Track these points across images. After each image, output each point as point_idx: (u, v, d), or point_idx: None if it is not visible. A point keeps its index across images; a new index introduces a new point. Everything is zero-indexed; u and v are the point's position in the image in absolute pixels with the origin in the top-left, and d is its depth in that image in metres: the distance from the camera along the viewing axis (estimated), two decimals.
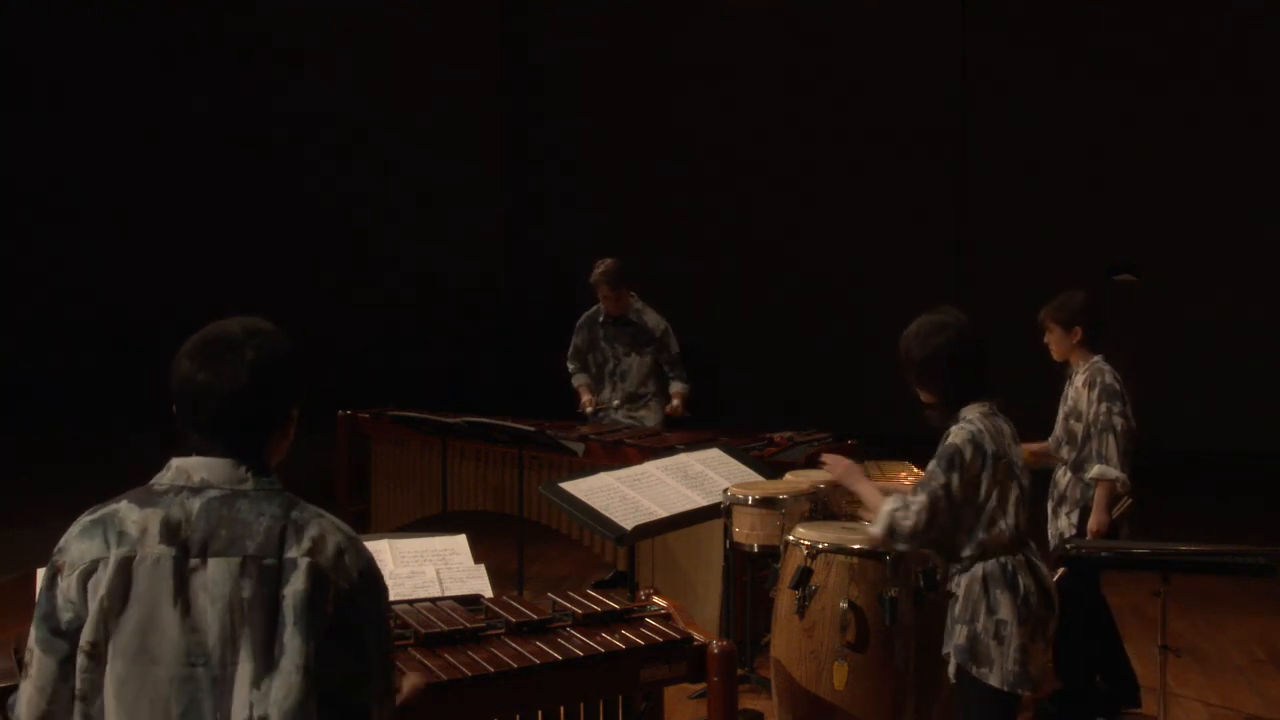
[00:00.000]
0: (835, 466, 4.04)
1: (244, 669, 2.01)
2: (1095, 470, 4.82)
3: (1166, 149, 11.62)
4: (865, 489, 3.87)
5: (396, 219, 13.59)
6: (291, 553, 2.05)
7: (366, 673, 2.08)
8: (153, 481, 2.12)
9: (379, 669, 2.10)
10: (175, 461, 2.12)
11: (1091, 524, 4.82)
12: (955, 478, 3.47)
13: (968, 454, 3.48)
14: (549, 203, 13.46)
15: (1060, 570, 4.55)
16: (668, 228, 12.68)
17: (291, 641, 2.02)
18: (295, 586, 2.03)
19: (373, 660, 2.09)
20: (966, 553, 3.54)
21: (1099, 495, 4.83)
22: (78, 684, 2.01)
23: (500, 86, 13.59)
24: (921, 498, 3.50)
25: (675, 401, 6.85)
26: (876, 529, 3.61)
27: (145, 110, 13.88)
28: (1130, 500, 4.87)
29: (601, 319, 6.92)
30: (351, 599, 2.07)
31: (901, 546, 3.65)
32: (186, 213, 13.92)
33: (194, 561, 2.03)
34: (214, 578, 2.03)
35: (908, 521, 3.51)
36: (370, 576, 2.11)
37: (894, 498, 3.59)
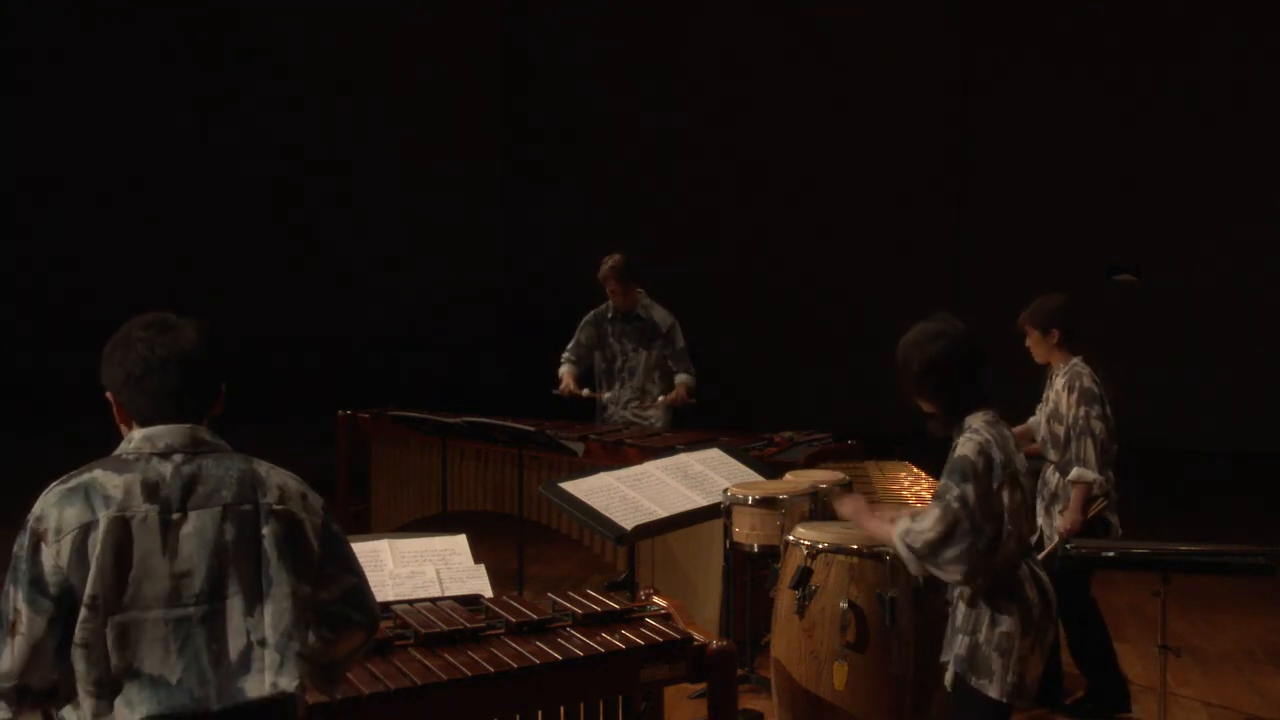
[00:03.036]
0: (845, 507, 3.93)
1: (235, 602, 2.29)
2: (1074, 473, 4.92)
3: (1165, 151, 11.61)
4: (875, 526, 3.75)
5: (397, 220, 13.60)
6: (266, 499, 2.35)
7: (358, 581, 2.46)
8: (118, 452, 2.35)
9: (361, 573, 2.48)
10: (137, 432, 2.37)
11: (1065, 522, 4.90)
12: (970, 489, 3.38)
13: (980, 465, 3.41)
14: (549, 203, 13.46)
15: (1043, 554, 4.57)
16: (668, 228, 12.68)
17: (278, 574, 2.32)
18: (273, 528, 2.34)
19: (355, 569, 2.47)
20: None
21: (1074, 496, 4.91)
22: (79, 634, 2.20)
23: (500, 87, 13.59)
24: (934, 512, 3.40)
25: (679, 390, 6.80)
26: (909, 565, 3.50)
27: (146, 111, 13.88)
28: (1105, 500, 4.93)
29: (610, 315, 6.92)
30: (327, 529, 2.42)
31: (931, 568, 3.45)
32: (186, 213, 13.92)
33: (176, 515, 2.28)
34: (198, 527, 2.29)
35: (921, 538, 3.41)
36: (327, 506, 2.47)
37: (900, 520, 3.50)
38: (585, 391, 6.96)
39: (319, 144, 13.61)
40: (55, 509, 2.25)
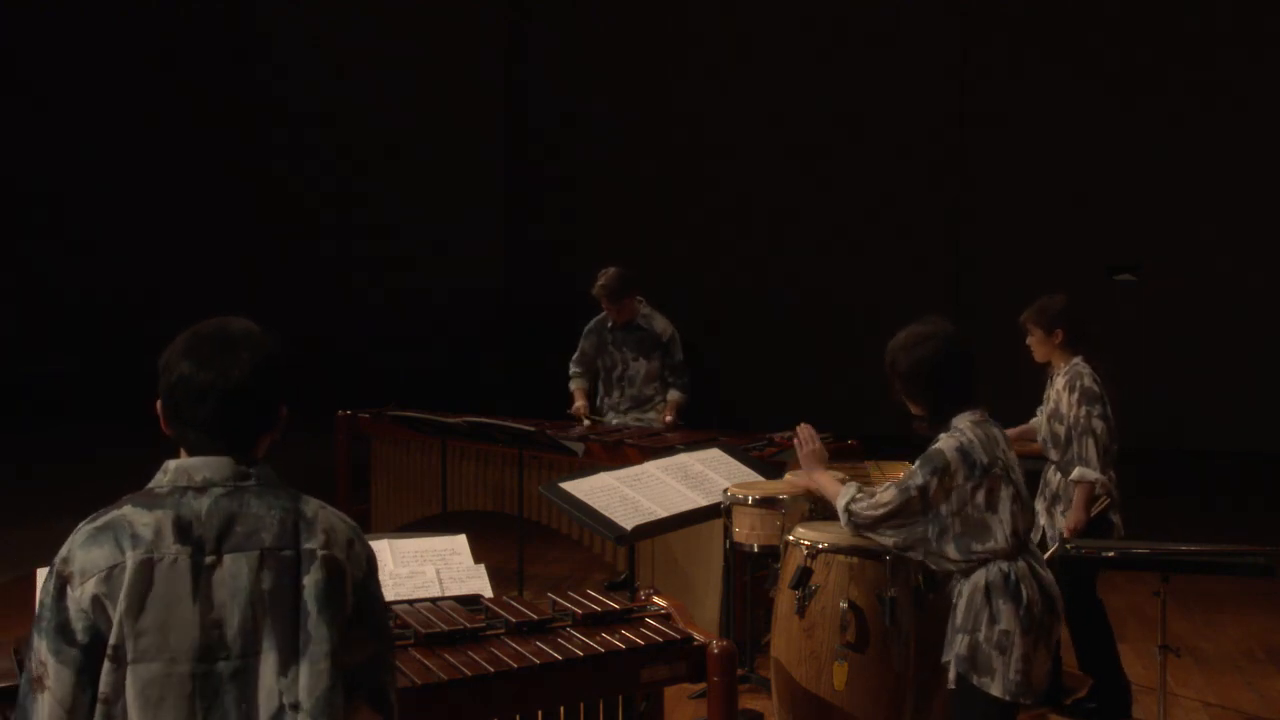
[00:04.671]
0: (804, 445, 4.14)
1: (268, 659, 2.06)
2: (1076, 473, 4.94)
3: (1165, 151, 11.61)
4: (822, 478, 3.96)
5: (397, 219, 13.59)
6: (309, 544, 2.11)
7: (383, 651, 2.17)
8: (151, 485, 2.14)
9: (389, 647, 2.21)
10: (172, 463, 2.15)
11: (1068, 522, 4.91)
12: (934, 481, 3.47)
13: (953, 462, 3.46)
14: (549, 203, 13.46)
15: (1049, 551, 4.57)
16: (668, 227, 12.68)
17: (317, 630, 2.07)
18: (315, 577, 2.09)
19: (385, 639, 2.19)
20: (955, 557, 3.53)
21: (1077, 495, 4.94)
22: (102, 687, 2.02)
23: (501, 88, 13.59)
24: (891, 491, 3.55)
25: (669, 415, 6.79)
26: (841, 517, 3.73)
27: (144, 111, 13.87)
28: (1108, 499, 4.94)
29: (610, 324, 6.91)
30: (365, 585, 2.16)
31: (865, 533, 3.69)
32: (186, 213, 13.92)
33: (210, 558, 2.06)
34: (233, 572, 2.07)
35: (866, 511, 3.59)
36: (373, 561, 2.21)
37: (851, 485, 3.68)
38: (593, 419, 6.95)
39: (319, 145, 13.60)
40: (82, 550, 2.05)
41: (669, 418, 6.79)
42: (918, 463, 3.54)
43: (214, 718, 2.04)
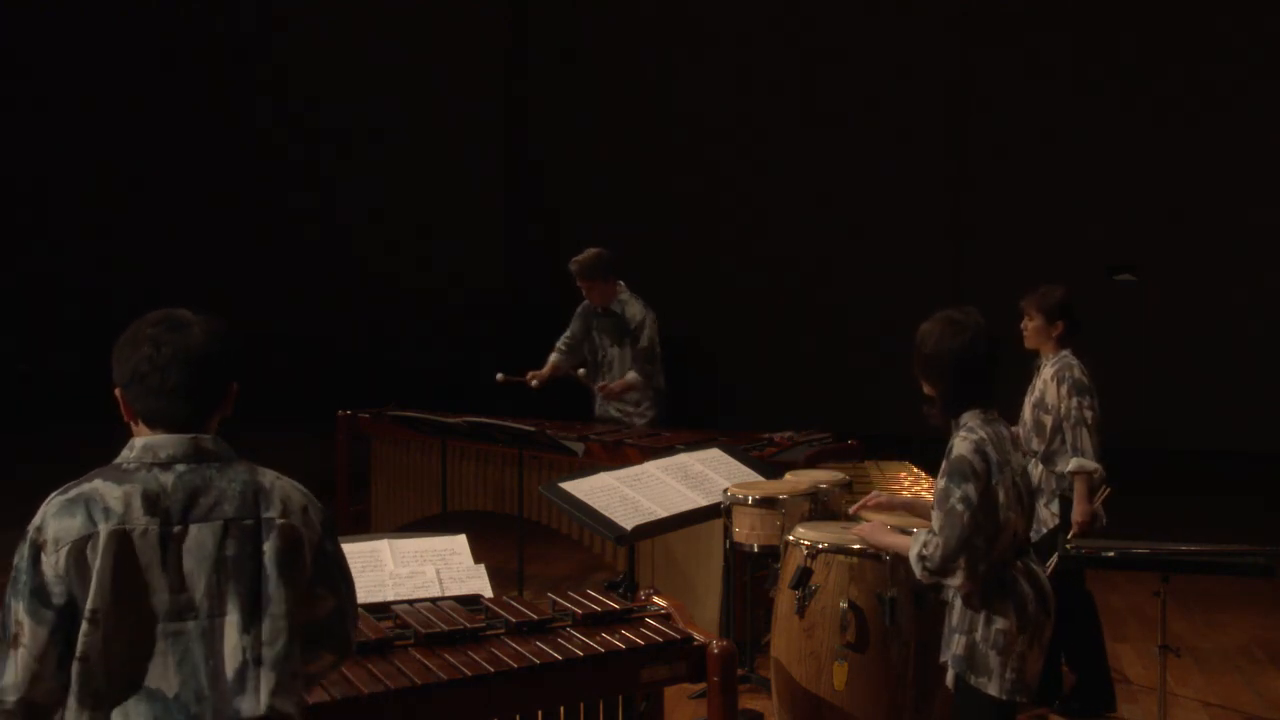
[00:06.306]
0: (862, 529, 4.07)
1: (232, 619, 2.26)
2: (1074, 464, 4.93)
3: (1165, 151, 11.61)
4: (892, 542, 3.87)
5: (397, 219, 13.60)
6: (269, 513, 2.31)
7: (343, 603, 2.42)
8: (118, 461, 2.31)
9: (350, 598, 2.44)
10: (138, 440, 2.32)
11: (1076, 515, 4.92)
12: (970, 488, 3.38)
13: (977, 463, 3.41)
14: (549, 201, 13.46)
15: (1053, 559, 4.56)
16: (669, 226, 12.67)
17: (277, 592, 2.28)
18: (275, 544, 2.30)
19: (345, 592, 2.43)
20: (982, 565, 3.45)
21: (1079, 487, 4.92)
22: (79, 647, 2.18)
23: (501, 86, 13.59)
24: (938, 519, 3.41)
25: (619, 382, 6.73)
26: (918, 575, 3.51)
27: (145, 111, 13.88)
28: (1109, 488, 4.96)
29: (594, 309, 6.92)
30: (322, 547, 2.38)
31: (948, 580, 3.44)
32: (185, 212, 13.92)
33: (177, 529, 2.25)
34: (198, 541, 2.26)
35: (937, 552, 3.40)
36: (328, 523, 2.42)
37: (916, 536, 3.51)
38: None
39: (319, 145, 13.60)
40: (55, 520, 2.21)
41: (613, 388, 6.72)
42: (945, 477, 3.43)
43: (184, 672, 2.22)
